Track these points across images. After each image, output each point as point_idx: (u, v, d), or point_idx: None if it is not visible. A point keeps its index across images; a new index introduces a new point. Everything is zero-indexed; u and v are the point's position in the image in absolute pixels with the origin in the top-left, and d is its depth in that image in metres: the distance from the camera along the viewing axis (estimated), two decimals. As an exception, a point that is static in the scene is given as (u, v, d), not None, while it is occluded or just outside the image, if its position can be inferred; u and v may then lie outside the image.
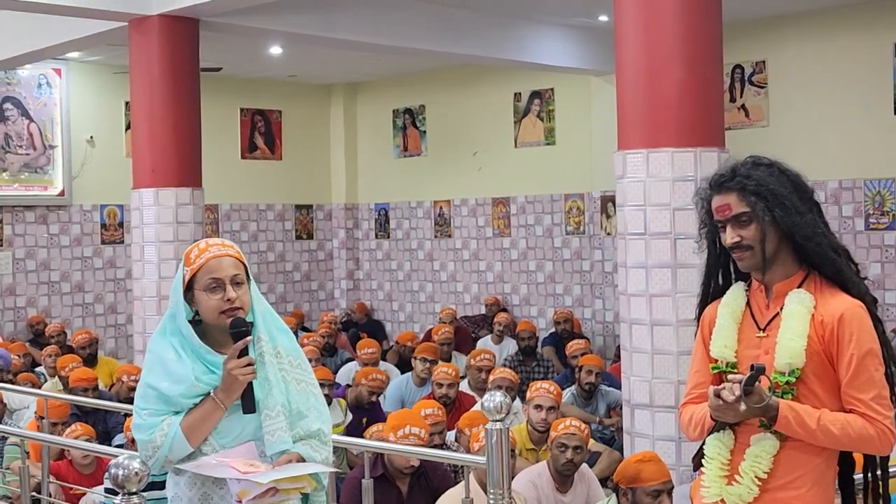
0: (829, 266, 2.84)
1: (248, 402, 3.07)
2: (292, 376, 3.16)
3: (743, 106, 10.55)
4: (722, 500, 2.87)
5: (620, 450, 6.43)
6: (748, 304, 2.95)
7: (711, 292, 3.06)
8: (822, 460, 2.80)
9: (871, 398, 2.73)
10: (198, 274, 3.06)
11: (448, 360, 9.30)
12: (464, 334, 11.23)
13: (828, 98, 9.84)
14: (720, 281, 3.05)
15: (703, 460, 2.94)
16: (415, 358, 8.47)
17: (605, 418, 7.86)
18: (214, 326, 3.10)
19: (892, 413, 2.74)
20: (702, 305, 3.09)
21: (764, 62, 10.44)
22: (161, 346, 3.10)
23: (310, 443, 3.14)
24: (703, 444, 2.96)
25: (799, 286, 2.86)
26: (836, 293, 2.82)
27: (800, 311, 2.80)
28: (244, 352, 3.04)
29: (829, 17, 9.93)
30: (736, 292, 2.98)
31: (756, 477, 2.80)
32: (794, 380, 2.78)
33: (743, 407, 2.72)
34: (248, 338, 3.05)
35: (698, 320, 3.10)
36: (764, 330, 2.88)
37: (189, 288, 3.09)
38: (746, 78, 10.55)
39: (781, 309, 2.85)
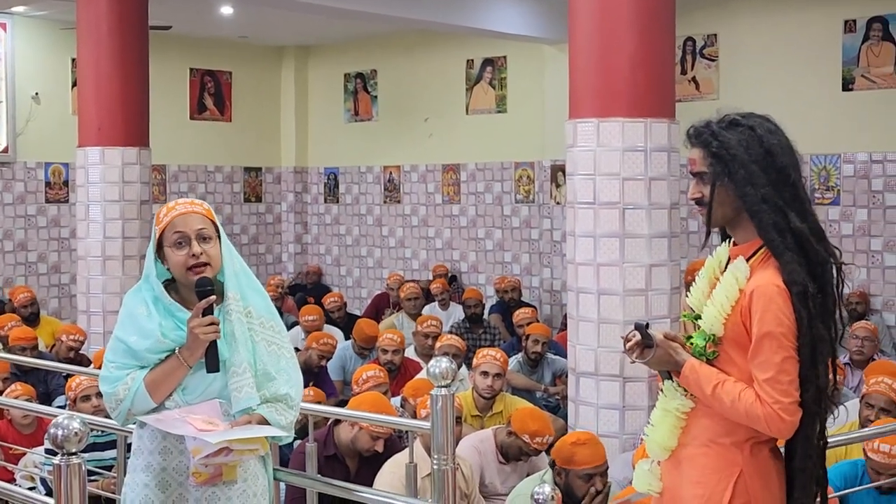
0: (768, 244, 2.81)
1: (212, 361, 3.09)
2: (262, 337, 3.20)
3: (694, 78, 10.60)
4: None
5: (565, 418, 6.48)
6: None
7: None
8: (718, 423, 2.83)
9: (764, 379, 2.73)
10: (165, 231, 3.13)
11: (419, 315, 9.38)
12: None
13: (777, 73, 9.92)
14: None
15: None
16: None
17: (551, 386, 7.91)
18: (185, 284, 3.15)
19: (789, 399, 2.72)
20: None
21: (715, 35, 10.49)
22: (134, 301, 3.17)
23: (275, 406, 3.18)
24: None
25: (753, 254, 2.84)
26: (769, 269, 2.80)
27: (729, 281, 2.82)
28: (208, 311, 3.07)
29: (781, -8, 10.00)
30: (721, 248, 2.99)
31: (667, 430, 2.90)
32: (703, 343, 2.83)
33: (630, 360, 2.88)
34: (212, 297, 3.08)
35: None
36: None
37: (160, 246, 3.15)
38: (698, 51, 10.61)
39: None
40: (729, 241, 2.97)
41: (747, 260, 2.84)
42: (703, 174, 2.87)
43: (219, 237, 3.19)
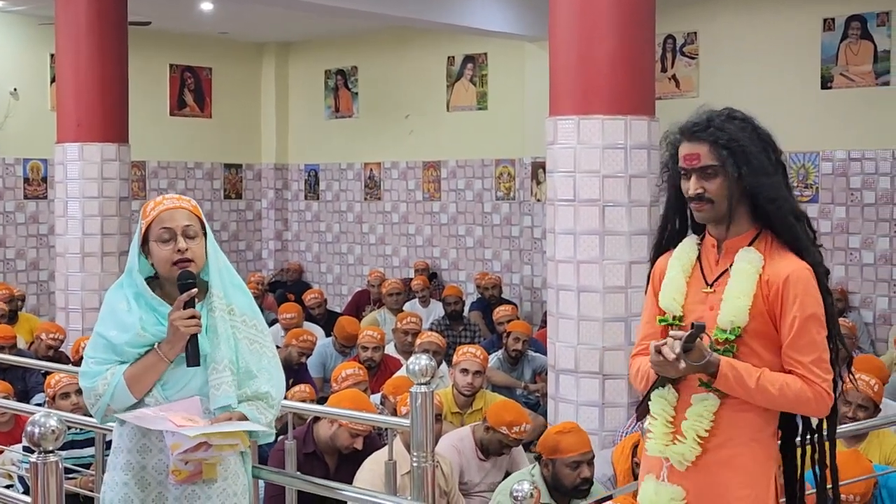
0: (788, 231, 2.83)
1: (192, 355, 3.07)
2: (244, 335, 3.19)
3: (674, 76, 10.63)
4: (666, 459, 2.88)
5: (545, 415, 6.49)
6: (699, 258, 2.95)
7: (667, 237, 3.05)
8: (759, 416, 2.82)
9: (810, 361, 2.75)
10: (152, 225, 3.13)
11: (401, 310, 9.44)
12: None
13: (757, 71, 9.96)
14: (677, 226, 3.03)
15: (648, 416, 2.96)
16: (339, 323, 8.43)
17: (531, 384, 7.92)
18: (169, 279, 3.15)
19: (830, 377, 2.79)
20: (656, 249, 3.09)
21: (695, 33, 10.52)
22: (115, 296, 3.17)
23: (255, 404, 3.16)
24: (648, 395, 2.96)
25: (750, 244, 2.85)
26: (786, 255, 2.82)
27: (747, 269, 2.81)
28: (190, 304, 3.06)
29: (761, -10, 10.03)
30: (688, 245, 2.98)
31: (697, 436, 2.83)
32: (733, 337, 2.80)
33: (683, 364, 2.74)
34: (194, 290, 3.08)
35: (652, 263, 3.10)
36: (711, 286, 2.89)
37: (146, 241, 3.15)
38: (678, 48, 10.63)
39: (731, 266, 2.85)
40: (701, 236, 2.96)
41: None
42: (708, 168, 2.84)
43: (204, 235, 3.19)
